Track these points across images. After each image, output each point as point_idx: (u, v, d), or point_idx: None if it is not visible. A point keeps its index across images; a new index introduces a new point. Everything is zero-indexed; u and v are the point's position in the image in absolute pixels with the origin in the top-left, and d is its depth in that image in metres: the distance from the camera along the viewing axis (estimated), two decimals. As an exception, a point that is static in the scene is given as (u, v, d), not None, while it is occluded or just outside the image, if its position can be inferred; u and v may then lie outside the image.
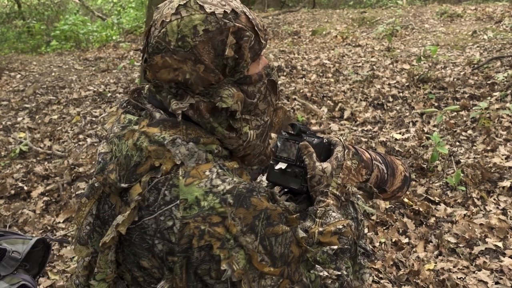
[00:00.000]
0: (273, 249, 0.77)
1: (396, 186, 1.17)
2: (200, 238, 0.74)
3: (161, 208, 0.77)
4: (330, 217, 0.88)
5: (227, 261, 0.74)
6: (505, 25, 5.67)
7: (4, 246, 1.17)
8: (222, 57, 0.81)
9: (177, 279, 0.78)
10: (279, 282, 0.77)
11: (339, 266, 0.82)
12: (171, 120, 0.83)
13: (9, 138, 3.71)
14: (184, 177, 0.77)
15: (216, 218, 0.74)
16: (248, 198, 0.76)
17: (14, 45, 8.59)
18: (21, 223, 2.45)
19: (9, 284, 1.11)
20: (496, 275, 1.73)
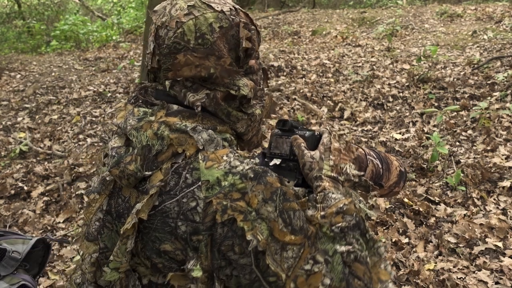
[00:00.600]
0: (293, 222, 0.79)
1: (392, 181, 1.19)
2: (223, 213, 0.77)
3: (183, 191, 0.80)
4: (330, 199, 0.88)
5: (251, 232, 0.77)
6: (505, 25, 5.67)
7: (4, 246, 1.17)
8: (235, 50, 0.90)
9: (203, 257, 0.81)
10: (300, 252, 0.79)
11: (350, 241, 0.83)
12: (188, 110, 0.88)
13: (9, 138, 3.71)
14: (204, 161, 0.81)
15: (237, 194, 0.78)
16: (264, 176, 0.81)
17: (14, 45, 8.59)
18: (21, 223, 2.45)
19: (9, 284, 1.11)
20: (496, 275, 1.73)
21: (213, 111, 0.90)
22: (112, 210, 0.90)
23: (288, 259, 0.78)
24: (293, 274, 0.77)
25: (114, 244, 0.91)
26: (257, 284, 0.79)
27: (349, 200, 0.88)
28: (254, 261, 0.78)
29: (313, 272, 0.77)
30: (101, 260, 0.94)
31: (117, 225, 0.90)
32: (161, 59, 0.89)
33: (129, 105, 0.95)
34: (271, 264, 0.77)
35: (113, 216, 0.90)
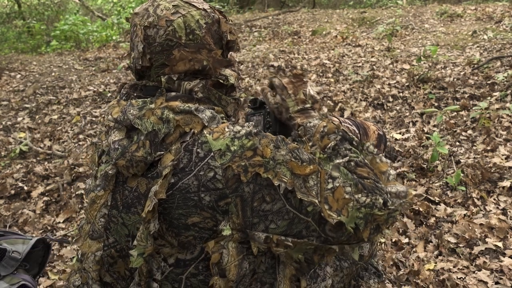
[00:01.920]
0: (303, 157, 0.87)
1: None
2: (246, 172, 0.84)
3: (198, 165, 0.86)
4: (310, 129, 0.97)
5: (276, 178, 0.84)
6: (505, 25, 5.67)
7: (4, 246, 1.17)
8: (219, 44, 0.98)
9: (234, 217, 0.86)
10: (318, 178, 0.87)
11: (344, 154, 0.92)
12: (186, 95, 0.95)
13: (9, 138, 3.71)
14: (210, 134, 0.87)
15: (249, 152, 0.85)
16: (263, 132, 0.90)
17: (14, 45, 8.58)
18: (21, 223, 2.45)
19: (9, 284, 1.11)
20: (496, 275, 1.73)
21: (206, 96, 0.96)
22: (118, 203, 0.92)
23: (312, 187, 0.86)
24: (323, 197, 0.86)
25: (122, 236, 0.93)
26: (296, 220, 0.86)
27: (326, 121, 0.97)
28: (286, 201, 0.86)
29: (335, 188, 0.87)
30: (105, 257, 0.94)
31: (124, 217, 0.92)
32: (153, 57, 0.95)
33: (122, 101, 0.98)
34: (303, 197, 0.84)
35: (119, 209, 0.92)
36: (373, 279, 1.10)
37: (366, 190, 0.87)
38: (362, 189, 0.87)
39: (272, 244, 0.86)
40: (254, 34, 7.20)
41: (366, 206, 0.86)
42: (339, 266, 1.03)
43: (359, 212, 0.86)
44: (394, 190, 0.91)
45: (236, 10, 11.05)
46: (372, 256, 1.09)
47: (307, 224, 0.86)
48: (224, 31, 0.99)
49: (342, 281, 1.03)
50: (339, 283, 1.02)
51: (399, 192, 0.91)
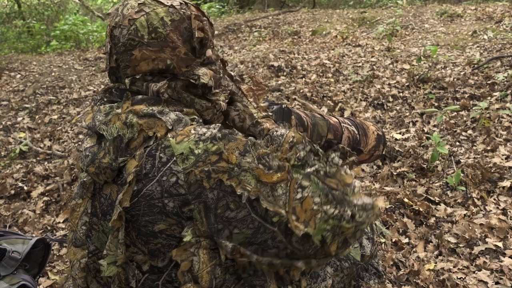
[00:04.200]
0: (271, 164, 0.83)
1: (371, 145, 1.23)
2: (209, 178, 0.80)
3: (160, 170, 0.83)
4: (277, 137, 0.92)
5: (239, 186, 0.80)
6: (505, 25, 5.67)
7: (4, 246, 1.17)
8: (189, 42, 0.93)
9: (199, 224, 0.83)
10: (287, 186, 0.83)
11: (312, 163, 0.87)
12: (153, 98, 0.91)
13: (9, 138, 3.71)
14: (174, 137, 0.84)
15: (214, 157, 0.81)
16: (232, 134, 0.85)
17: (14, 45, 8.58)
18: (21, 223, 2.45)
19: (9, 284, 1.11)
20: (496, 275, 1.73)
21: (177, 98, 0.93)
22: (98, 211, 0.91)
23: (280, 196, 0.81)
24: (291, 207, 0.81)
25: (103, 244, 0.92)
26: (262, 229, 0.82)
27: (293, 130, 0.93)
28: (252, 210, 0.82)
29: (304, 198, 0.82)
30: (91, 264, 0.94)
31: (103, 225, 0.90)
32: (119, 58, 0.93)
33: (95, 107, 0.97)
34: (268, 206, 0.80)
35: (99, 216, 0.90)
36: (374, 279, 1.10)
37: (335, 202, 0.84)
38: (331, 200, 0.83)
39: (237, 254, 0.84)
40: (254, 34, 7.19)
41: (334, 218, 0.83)
42: (339, 266, 1.02)
43: (326, 224, 0.82)
44: (360, 203, 0.87)
45: (236, 10, 11.05)
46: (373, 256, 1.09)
47: (273, 235, 0.82)
48: (193, 28, 0.93)
49: (342, 281, 1.03)
50: (339, 283, 1.02)
51: (365, 205, 0.87)
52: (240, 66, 4.92)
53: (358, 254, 1.00)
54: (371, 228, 1.05)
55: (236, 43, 6.81)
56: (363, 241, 1.03)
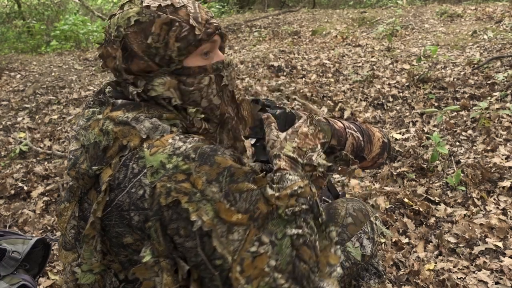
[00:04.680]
0: (238, 204, 0.77)
1: (375, 152, 1.19)
2: (167, 196, 0.76)
3: (131, 181, 0.80)
4: (287, 180, 0.88)
5: (196, 213, 0.75)
6: (505, 25, 5.67)
7: (4, 246, 1.17)
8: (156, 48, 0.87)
9: (156, 243, 0.79)
10: (245, 234, 0.77)
11: (300, 225, 0.82)
12: (133, 103, 0.88)
13: (9, 138, 3.71)
14: (148, 148, 0.81)
15: (181, 176, 0.76)
16: (212, 156, 0.79)
17: (14, 45, 8.58)
18: (21, 223, 2.45)
19: (9, 284, 1.11)
20: (496, 275, 1.73)
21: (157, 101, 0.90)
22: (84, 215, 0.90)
23: (234, 241, 0.76)
24: (239, 257, 0.76)
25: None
26: (203, 267, 0.78)
27: (305, 183, 0.87)
28: (200, 243, 0.76)
29: (258, 253, 0.77)
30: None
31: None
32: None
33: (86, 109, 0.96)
34: (218, 246, 0.75)
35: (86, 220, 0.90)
36: (374, 279, 1.10)
37: (293, 275, 0.77)
38: (290, 271, 0.77)
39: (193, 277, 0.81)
40: (254, 34, 7.19)
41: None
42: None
43: None
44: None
45: (236, 10, 11.05)
46: (373, 256, 1.09)
47: (212, 277, 0.78)
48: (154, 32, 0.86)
49: (343, 281, 1.03)
50: (340, 283, 1.02)
51: None
52: (240, 66, 4.92)
53: (359, 254, 0.99)
54: (372, 228, 1.05)
55: (236, 43, 6.81)
56: (364, 241, 1.03)
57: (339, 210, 1.05)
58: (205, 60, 0.92)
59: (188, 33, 0.88)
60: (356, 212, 1.05)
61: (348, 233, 1.02)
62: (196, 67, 0.91)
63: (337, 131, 1.11)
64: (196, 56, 0.91)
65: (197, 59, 0.91)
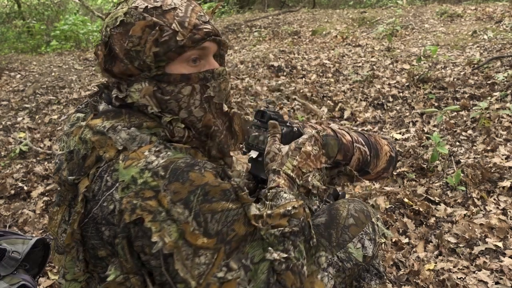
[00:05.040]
0: (208, 226, 0.74)
1: (380, 167, 1.17)
2: (132, 213, 0.73)
3: (104, 195, 0.78)
4: (281, 198, 0.84)
5: (158, 233, 0.72)
6: (505, 25, 5.67)
7: (4, 246, 1.17)
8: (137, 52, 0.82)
9: (123, 261, 0.77)
10: (213, 258, 0.73)
11: (287, 248, 0.79)
12: (114, 110, 0.85)
13: (9, 138, 3.71)
14: (123, 161, 0.77)
15: (149, 193, 0.73)
16: (186, 172, 0.75)
17: (14, 45, 8.58)
18: (21, 223, 2.45)
19: (9, 284, 1.11)
20: (496, 275, 1.73)
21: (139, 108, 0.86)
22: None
23: (200, 265, 0.72)
24: (205, 282, 0.72)
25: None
26: (167, 286, 0.75)
27: (299, 203, 0.84)
28: (164, 264, 0.73)
29: (226, 280, 0.73)
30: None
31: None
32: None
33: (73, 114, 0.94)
34: (181, 270, 0.72)
35: None
36: (375, 280, 1.09)
37: None
38: None
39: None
40: (254, 34, 7.19)
41: None
42: (341, 267, 1.02)
43: None
44: None
45: (236, 10, 11.05)
46: (374, 257, 1.08)
47: None
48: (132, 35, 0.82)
49: (344, 282, 1.03)
50: (341, 284, 1.02)
51: None
52: (240, 66, 4.92)
53: (360, 255, 0.99)
54: (373, 229, 1.04)
55: (236, 43, 6.81)
56: (365, 242, 1.03)
57: (340, 211, 1.04)
58: (192, 67, 0.86)
59: (170, 38, 0.82)
60: (357, 213, 1.04)
61: (349, 234, 1.01)
62: (177, 75, 0.85)
63: (344, 145, 1.07)
64: (181, 62, 0.85)
65: (182, 66, 0.85)
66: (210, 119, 0.90)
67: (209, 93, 0.88)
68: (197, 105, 0.87)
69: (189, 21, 0.84)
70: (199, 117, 0.88)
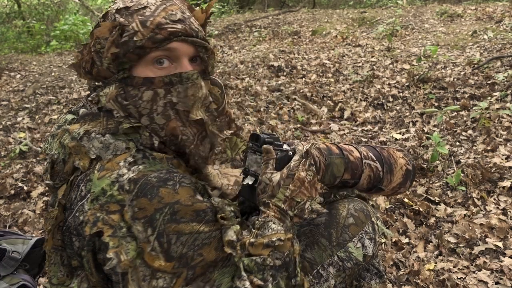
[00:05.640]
0: (171, 248, 0.69)
1: (396, 182, 1.09)
2: (93, 225, 0.70)
3: (77, 205, 0.76)
4: (269, 228, 0.78)
5: (115, 249, 0.69)
6: (505, 25, 5.67)
7: (4, 246, 1.17)
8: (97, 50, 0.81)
9: (89, 274, 0.75)
10: (172, 283, 0.69)
11: (265, 278, 0.73)
12: (92, 113, 0.82)
13: (9, 138, 3.71)
14: (99, 171, 0.74)
15: (114, 206, 0.70)
16: (156, 188, 0.71)
17: (14, 45, 8.58)
18: (21, 223, 2.45)
19: (9, 284, 1.11)
20: (496, 275, 1.73)
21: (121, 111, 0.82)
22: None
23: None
24: None
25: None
26: None
27: (287, 236, 0.78)
28: (122, 280, 0.70)
29: None
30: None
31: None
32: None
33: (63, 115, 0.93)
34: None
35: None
36: (375, 279, 1.09)
37: None
38: None
39: None
40: (254, 34, 7.19)
41: None
42: (342, 267, 1.02)
43: None
44: None
45: (236, 10, 11.05)
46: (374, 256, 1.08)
47: None
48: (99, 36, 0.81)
49: (344, 282, 1.03)
50: (341, 283, 1.02)
51: None
52: (240, 66, 4.92)
53: (360, 255, 0.99)
54: (373, 228, 1.04)
55: (236, 43, 6.81)
56: (365, 242, 1.03)
57: (340, 211, 1.04)
58: (159, 70, 0.81)
59: (129, 39, 0.78)
60: (357, 212, 1.04)
61: (349, 233, 1.01)
62: (140, 78, 0.80)
63: (352, 163, 0.99)
64: (147, 65, 0.80)
65: (148, 69, 0.80)
66: (175, 127, 0.83)
67: (170, 99, 0.81)
68: (159, 111, 0.81)
69: (152, 20, 0.78)
70: (161, 124, 0.82)
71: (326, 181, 0.94)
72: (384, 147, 1.10)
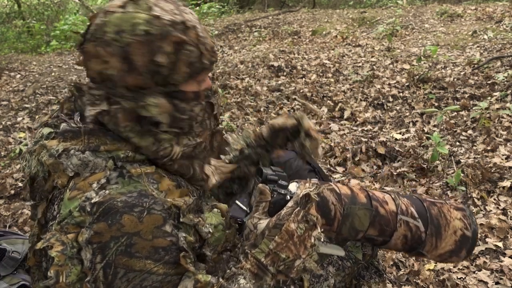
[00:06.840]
0: (115, 282, 0.65)
1: (444, 249, 0.88)
2: (46, 241, 0.68)
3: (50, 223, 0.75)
4: (236, 283, 0.72)
5: (57, 268, 0.66)
6: (505, 25, 5.67)
7: (4, 246, 1.17)
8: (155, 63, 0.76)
9: None
10: None
11: None
12: (73, 130, 0.78)
13: (9, 138, 3.71)
14: (70, 190, 0.72)
15: (73, 228, 0.67)
16: (120, 214, 0.67)
17: (14, 45, 8.58)
18: (21, 223, 2.45)
19: (9, 284, 1.11)
20: (496, 275, 1.73)
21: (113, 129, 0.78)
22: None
23: None
24: None
25: None
26: None
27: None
28: None
29: None
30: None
31: None
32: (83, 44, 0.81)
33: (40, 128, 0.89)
34: None
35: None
36: (374, 278, 1.09)
37: None
38: None
39: None
40: (254, 34, 7.19)
41: None
42: (341, 266, 1.01)
43: None
44: None
45: (236, 10, 11.05)
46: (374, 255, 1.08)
47: None
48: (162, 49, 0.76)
49: (344, 281, 1.03)
50: (341, 282, 1.02)
51: None
52: (240, 66, 4.92)
53: (360, 253, 0.99)
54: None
55: (236, 43, 6.81)
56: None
57: None
58: (198, 85, 0.85)
59: (197, 60, 0.80)
60: None
61: None
62: (191, 92, 0.83)
63: (382, 217, 0.83)
64: (192, 80, 0.83)
65: (192, 84, 0.83)
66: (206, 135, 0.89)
67: (215, 110, 0.90)
68: (198, 120, 0.86)
69: (208, 42, 0.83)
70: (197, 132, 0.86)
71: (345, 234, 0.83)
72: (438, 201, 0.90)
